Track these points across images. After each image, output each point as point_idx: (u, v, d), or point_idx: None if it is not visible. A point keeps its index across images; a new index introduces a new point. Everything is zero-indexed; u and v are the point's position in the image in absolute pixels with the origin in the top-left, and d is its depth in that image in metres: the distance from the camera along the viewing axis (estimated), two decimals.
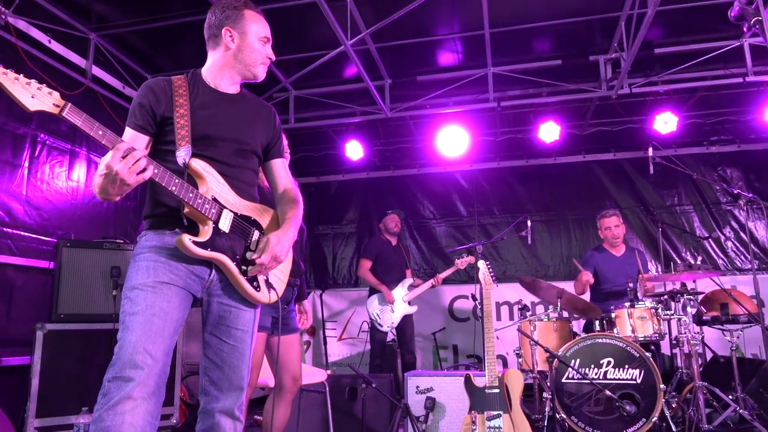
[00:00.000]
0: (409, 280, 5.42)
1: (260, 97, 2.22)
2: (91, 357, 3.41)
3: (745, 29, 1.52)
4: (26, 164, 3.96)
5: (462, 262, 5.07)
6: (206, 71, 2.01)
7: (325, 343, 6.49)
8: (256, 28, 2.01)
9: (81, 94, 4.39)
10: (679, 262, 5.95)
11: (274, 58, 2.09)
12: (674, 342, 4.10)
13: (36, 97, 1.46)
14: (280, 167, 2.17)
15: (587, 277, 4.42)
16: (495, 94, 5.34)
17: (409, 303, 5.30)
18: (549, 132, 5.68)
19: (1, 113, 3.76)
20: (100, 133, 1.55)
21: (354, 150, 6.34)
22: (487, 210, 6.98)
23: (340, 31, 4.13)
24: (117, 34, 4.61)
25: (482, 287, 3.40)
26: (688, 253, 6.31)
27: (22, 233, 3.85)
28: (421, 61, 5.29)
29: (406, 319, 5.31)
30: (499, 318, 6.31)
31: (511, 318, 6.24)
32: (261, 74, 2.06)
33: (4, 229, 3.74)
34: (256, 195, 2.08)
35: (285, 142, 2.98)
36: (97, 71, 4.60)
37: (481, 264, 3.45)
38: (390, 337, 5.33)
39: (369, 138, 6.65)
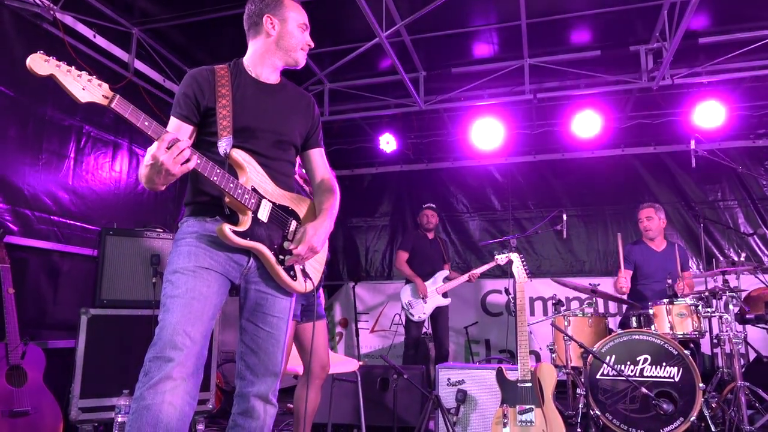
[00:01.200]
0: (444, 272, 5.41)
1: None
2: (132, 341, 3.52)
3: None
4: (72, 155, 4.11)
5: (502, 259, 4.95)
6: (248, 60, 2.05)
7: (357, 335, 6.54)
8: (296, 15, 2.04)
9: (123, 87, 4.52)
10: (721, 259, 5.79)
11: (312, 44, 2.11)
12: (715, 341, 3.98)
13: (87, 88, 1.51)
14: (318, 157, 2.20)
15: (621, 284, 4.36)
16: (531, 86, 5.26)
17: (444, 295, 5.31)
18: (587, 126, 5.56)
19: (48, 105, 3.91)
20: (146, 124, 1.59)
21: (388, 142, 6.34)
22: (522, 204, 6.90)
23: (375, 23, 4.13)
24: (158, 29, 4.72)
25: (516, 281, 3.37)
26: (731, 250, 6.10)
27: (68, 221, 4.00)
28: (456, 52, 5.24)
29: (440, 312, 5.31)
30: (532, 313, 6.24)
31: (545, 313, 6.17)
32: (301, 60, 2.08)
33: (52, 217, 3.89)
34: (294, 185, 2.11)
35: None
36: (138, 65, 4.73)
37: (515, 257, 3.42)
38: (425, 330, 5.36)
39: (403, 131, 6.64)
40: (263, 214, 1.88)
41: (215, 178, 1.73)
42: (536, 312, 6.27)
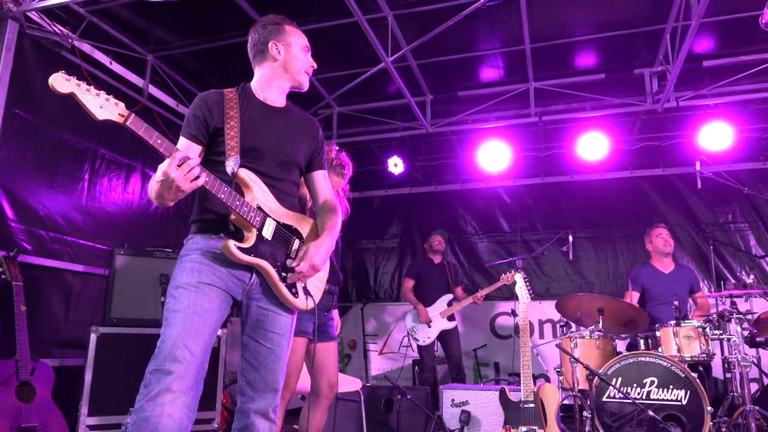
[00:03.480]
0: (448, 296, 5.46)
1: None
2: (140, 360, 3.51)
3: None
4: (87, 177, 4.22)
5: (508, 277, 4.89)
6: (255, 84, 2.13)
7: (366, 357, 6.54)
8: (298, 39, 2.15)
9: (138, 111, 4.64)
10: (733, 281, 5.72)
11: (315, 65, 2.21)
12: (726, 364, 3.92)
13: (104, 107, 1.59)
14: (321, 178, 2.26)
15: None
16: (537, 109, 5.32)
17: (449, 318, 5.31)
18: (594, 148, 5.58)
19: (66, 129, 4.04)
20: (159, 141, 1.67)
21: (396, 165, 6.41)
22: (531, 226, 6.90)
23: (381, 48, 4.23)
24: (172, 55, 4.87)
25: (519, 301, 3.38)
26: (743, 272, 6.02)
27: (81, 241, 4.09)
28: (462, 76, 5.33)
29: (449, 335, 5.33)
30: (541, 335, 6.21)
31: (555, 335, 6.12)
32: (305, 83, 2.18)
33: (65, 237, 3.99)
34: (297, 205, 2.17)
35: (349, 168, 3.11)
36: (153, 90, 4.87)
37: (518, 277, 3.44)
38: (440, 353, 5.37)
39: (411, 153, 6.71)
40: (267, 232, 1.94)
41: (222, 196, 1.79)
42: (545, 334, 6.22)
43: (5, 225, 3.56)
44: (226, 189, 1.80)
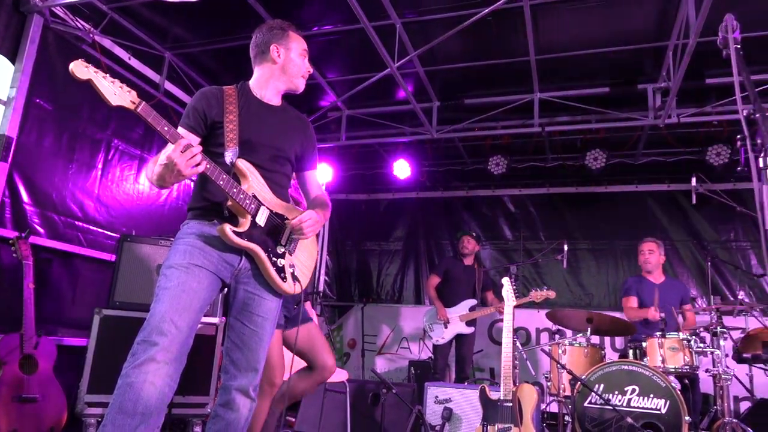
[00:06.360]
0: (472, 302, 5.47)
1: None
2: None
3: (723, 56, 1.58)
4: (100, 166, 4.41)
5: (538, 295, 4.68)
6: (253, 83, 2.29)
7: (363, 356, 6.65)
8: (297, 44, 2.30)
9: (153, 106, 4.82)
10: (731, 299, 5.74)
11: (312, 70, 2.37)
12: (709, 376, 3.97)
13: (117, 94, 1.73)
14: (313, 178, 2.44)
15: (652, 314, 4.21)
16: (541, 120, 5.40)
17: (468, 323, 5.35)
18: (596, 160, 5.66)
19: (83, 120, 4.24)
20: (166, 128, 1.81)
21: (402, 169, 6.52)
22: (533, 235, 6.97)
23: (386, 55, 4.36)
24: (189, 53, 5.06)
25: (505, 304, 3.47)
26: (742, 291, 6.03)
27: (91, 227, 4.28)
28: (469, 84, 5.44)
29: (463, 340, 5.36)
30: (538, 344, 6.26)
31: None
32: (301, 86, 2.34)
33: (77, 222, 4.18)
34: (288, 196, 2.32)
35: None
36: (169, 86, 5.06)
37: (506, 281, 3.53)
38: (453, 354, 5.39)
39: (419, 159, 6.83)
40: (261, 219, 2.08)
41: (221, 183, 1.93)
42: (542, 342, 6.27)
43: (20, 207, 3.75)
44: (224, 177, 1.94)
